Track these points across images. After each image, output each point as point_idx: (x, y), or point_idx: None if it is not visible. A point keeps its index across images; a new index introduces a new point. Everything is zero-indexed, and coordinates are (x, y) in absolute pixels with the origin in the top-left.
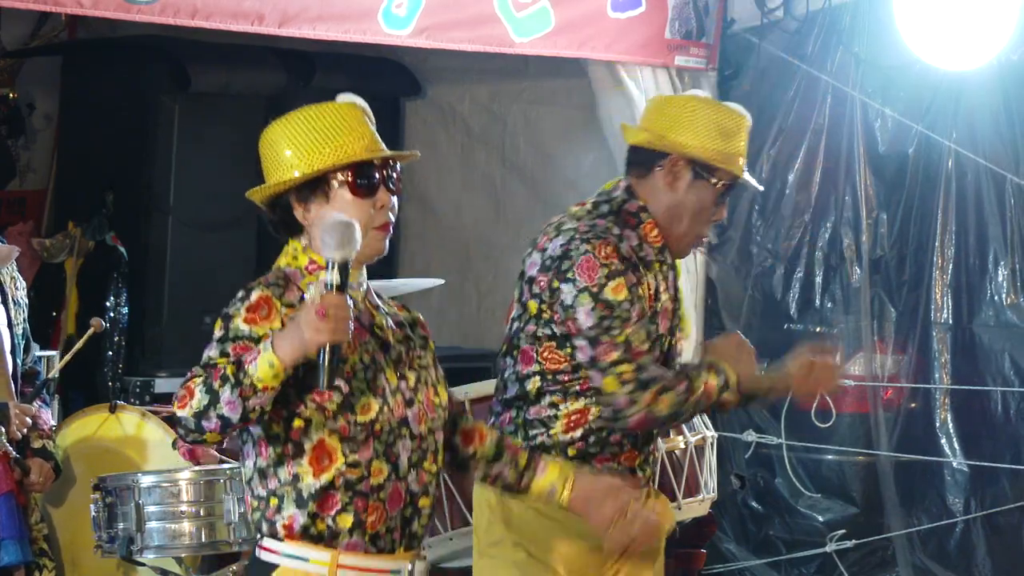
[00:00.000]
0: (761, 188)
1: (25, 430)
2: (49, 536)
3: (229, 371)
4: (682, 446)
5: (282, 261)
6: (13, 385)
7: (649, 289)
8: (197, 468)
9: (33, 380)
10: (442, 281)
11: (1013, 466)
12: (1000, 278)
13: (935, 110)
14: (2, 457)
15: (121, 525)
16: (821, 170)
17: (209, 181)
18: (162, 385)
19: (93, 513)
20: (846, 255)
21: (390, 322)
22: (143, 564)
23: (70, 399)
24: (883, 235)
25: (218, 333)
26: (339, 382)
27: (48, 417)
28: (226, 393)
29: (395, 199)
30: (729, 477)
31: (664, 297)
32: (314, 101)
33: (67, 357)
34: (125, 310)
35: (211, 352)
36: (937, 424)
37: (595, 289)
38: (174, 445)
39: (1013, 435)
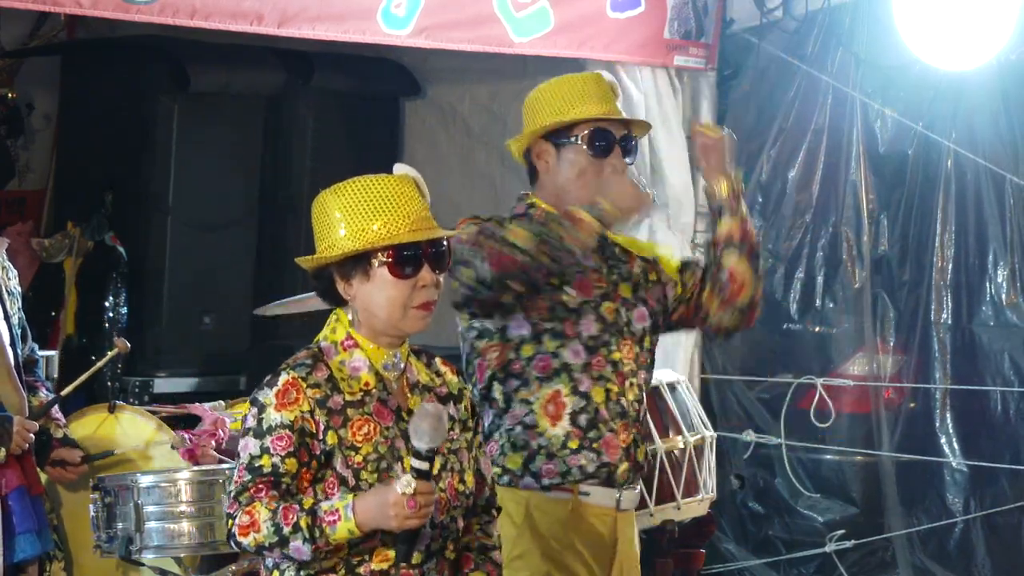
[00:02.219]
0: (624, 115)
1: (27, 445)
2: (58, 527)
3: (303, 523)
4: (681, 446)
5: (321, 334)
6: (17, 377)
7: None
8: (196, 468)
9: (32, 369)
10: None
11: (1013, 466)
12: (1000, 278)
13: (935, 110)
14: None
15: (120, 525)
16: (821, 170)
17: (208, 181)
18: (161, 385)
19: (92, 513)
20: (846, 255)
21: (427, 396)
22: (142, 564)
23: (69, 399)
24: (883, 235)
25: (251, 423)
26: (346, 474)
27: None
28: (296, 542)
29: (442, 276)
30: (729, 477)
31: (578, 268)
32: (314, 101)
33: (87, 375)
34: (124, 310)
35: (251, 449)
36: (937, 424)
37: (459, 241)
38: (173, 445)
39: (1013, 435)
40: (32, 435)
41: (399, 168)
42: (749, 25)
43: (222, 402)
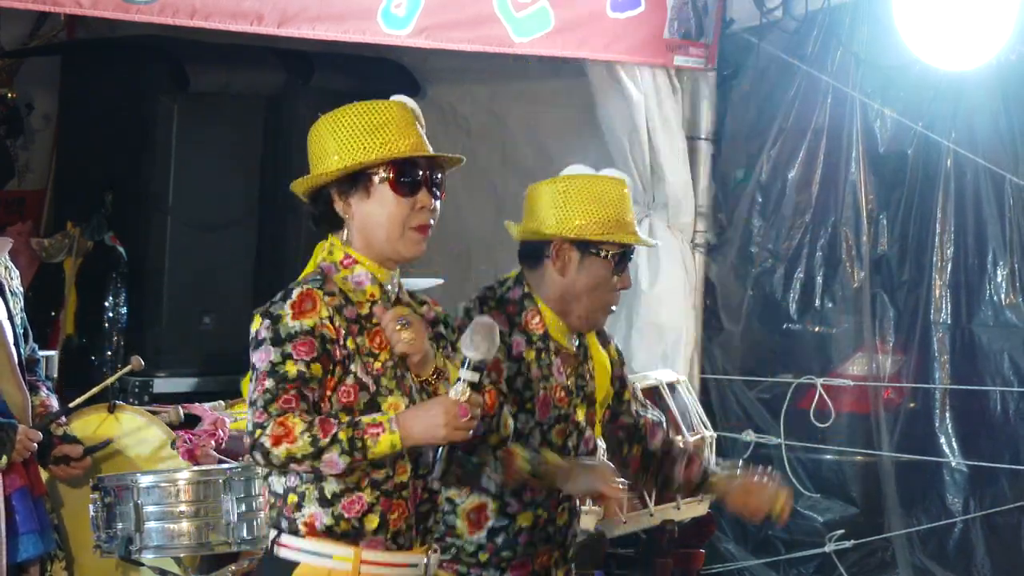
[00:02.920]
0: (654, 243)
1: (28, 454)
2: (59, 527)
3: (342, 435)
4: (681, 446)
5: (318, 257)
6: (21, 377)
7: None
8: (196, 468)
9: (33, 368)
10: (442, 281)
11: (1012, 466)
12: (999, 278)
13: (934, 110)
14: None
15: (120, 525)
16: (821, 170)
17: (208, 181)
18: (161, 385)
19: (92, 513)
20: (846, 255)
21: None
22: (142, 564)
23: (69, 399)
24: (883, 235)
25: (265, 334)
26: (367, 379)
27: (56, 403)
28: (332, 454)
29: (437, 203)
30: None
31: (548, 384)
32: (314, 101)
33: (97, 389)
34: (124, 310)
35: (271, 356)
36: (936, 424)
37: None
38: (173, 445)
39: (1012, 435)
40: (35, 445)
41: (396, 97)
42: (749, 25)
43: (222, 402)
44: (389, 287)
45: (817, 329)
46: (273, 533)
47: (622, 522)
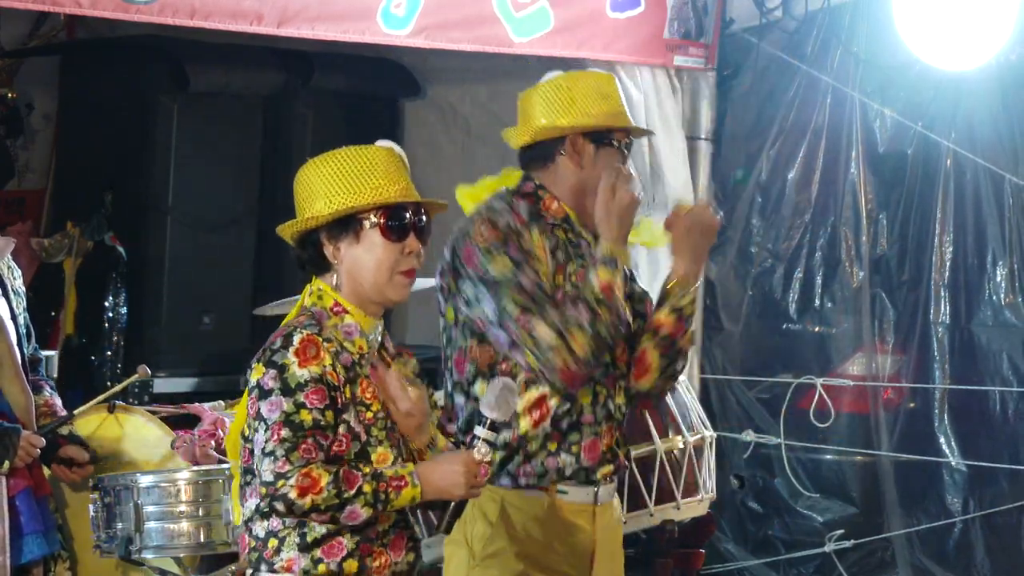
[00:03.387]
0: (649, 131)
1: (30, 460)
2: (62, 527)
3: (367, 488)
4: (680, 446)
5: (307, 301)
6: (24, 377)
7: (542, 250)
8: (196, 468)
9: (36, 368)
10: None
11: (1012, 466)
12: (998, 278)
13: (934, 110)
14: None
15: (120, 525)
16: (820, 170)
17: (208, 181)
18: (161, 385)
19: (92, 513)
20: (845, 255)
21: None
22: (142, 564)
23: (68, 399)
24: (882, 235)
25: (273, 384)
26: (359, 429)
27: (60, 402)
28: (355, 506)
29: (424, 247)
30: (728, 477)
31: (571, 268)
32: (313, 101)
33: (104, 397)
34: (124, 310)
35: (284, 407)
36: (936, 424)
37: (480, 273)
38: (172, 445)
39: (1012, 435)
40: (38, 450)
41: (382, 143)
42: (749, 25)
43: (222, 402)
44: (372, 337)
45: (817, 329)
46: (249, 572)
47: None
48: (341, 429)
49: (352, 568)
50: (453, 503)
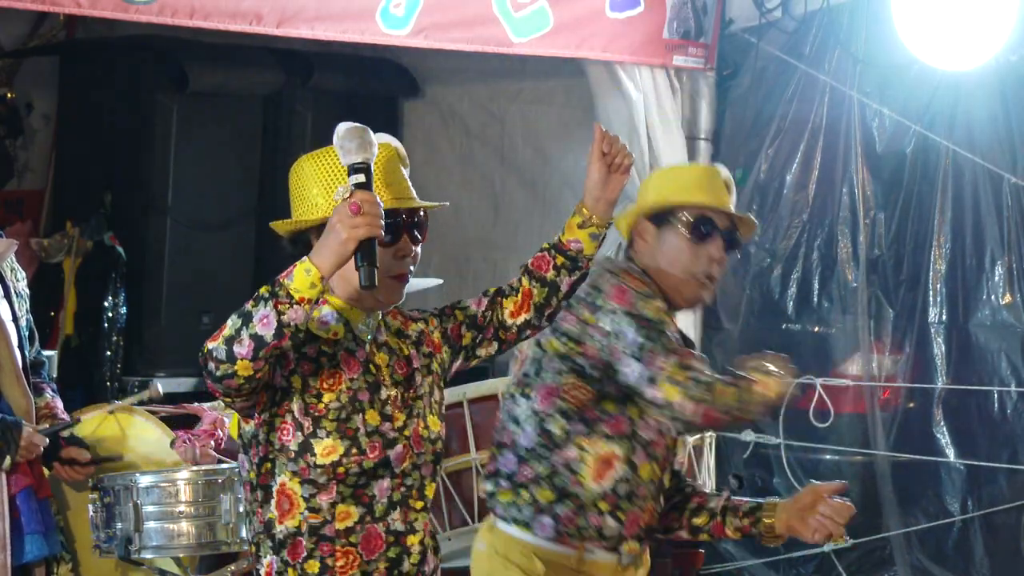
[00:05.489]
0: (751, 218)
1: (32, 457)
2: (64, 529)
3: (264, 290)
4: (680, 446)
5: None
6: (24, 380)
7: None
8: (195, 468)
9: (39, 370)
10: (440, 281)
11: (1010, 465)
12: (997, 277)
13: (933, 110)
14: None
15: (119, 525)
16: (819, 170)
17: (207, 181)
18: (160, 385)
19: (91, 513)
20: (843, 255)
21: (394, 361)
22: (141, 564)
23: (68, 399)
24: (880, 235)
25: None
26: (305, 420)
27: (61, 405)
28: (260, 310)
29: (418, 248)
30: (727, 477)
31: None
32: (312, 101)
33: (113, 407)
34: (123, 310)
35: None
36: (934, 424)
37: (631, 309)
38: (172, 445)
39: (1010, 434)
40: (41, 448)
41: (379, 137)
42: (748, 25)
43: (221, 402)
44: (362, 327)
45: (816, 329)
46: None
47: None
48: (288, 419)
49: (313, 569)
50: (358, 255)
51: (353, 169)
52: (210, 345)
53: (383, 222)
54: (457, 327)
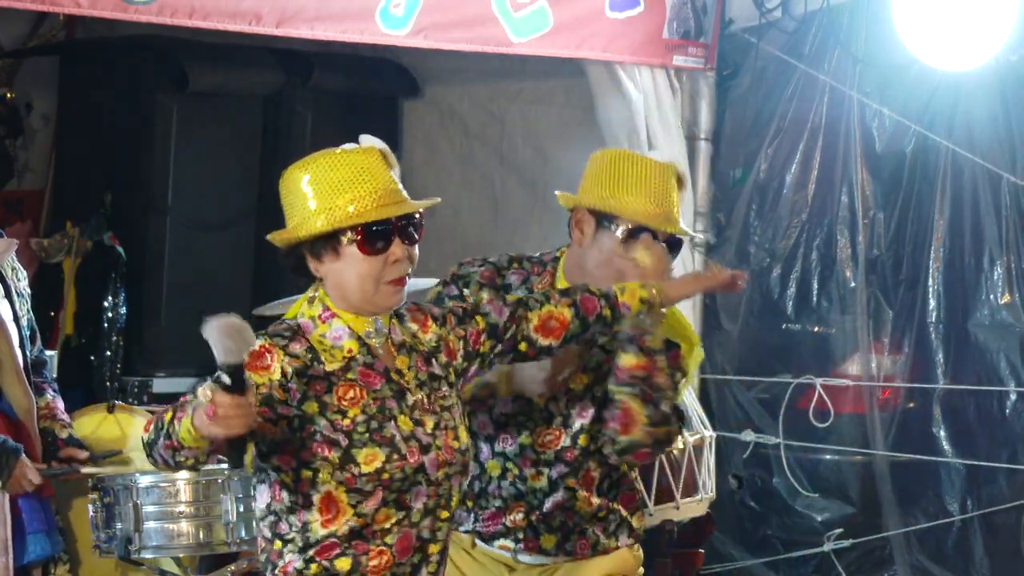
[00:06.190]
0: (693, 235)
1: (23, 492)
2: (63, 529)
3: (167, 418)
4: (680, 446)
5: (298, 308)
6: (26, 379)
7: None
8: None
9: (40, 370)
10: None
11: (1009, 465)
12: (996, 277)
13: (933, 110)
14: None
15: (119, 525)
16: (818, 170)
17: (207, 181)
18: (160, 385)
19: (91, 513)
20: (843, 255)
21: (415, 361)
22: (141, 564)
23: (68, 399)
24: (880, 235)
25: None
26: (338, 436)
27: (62, 405)
28: (163, 439)
29: (415, 247)
30: (727, 477)
31: None
32: (312, 101)
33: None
34: (123, 310)
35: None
36: (933, 424)
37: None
38: None
39: (1009, 434)
40: (34, 484)
41: (365, 140)
42: (748, 25)
43: None
44: (371, 332)
45: (815, 329)
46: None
47: None
48: (318, 438)
49: (344, 566)
50: (228, 445)
51: (223, 367)
52: (143, 434)
53: (244, 421)
54: (477, 333)
